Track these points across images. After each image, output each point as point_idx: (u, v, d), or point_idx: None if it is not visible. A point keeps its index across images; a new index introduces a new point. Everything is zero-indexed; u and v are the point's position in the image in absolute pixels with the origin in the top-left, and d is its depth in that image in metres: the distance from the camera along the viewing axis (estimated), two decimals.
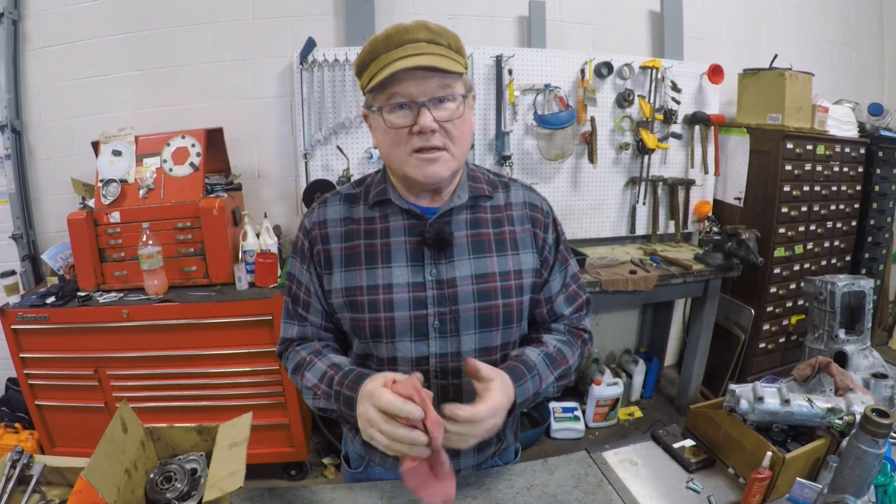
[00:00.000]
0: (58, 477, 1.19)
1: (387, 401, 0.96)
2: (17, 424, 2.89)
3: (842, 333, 2.08)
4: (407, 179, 1.14)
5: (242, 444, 1.10)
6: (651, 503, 1.28)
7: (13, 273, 2.71)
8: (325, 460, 3.07)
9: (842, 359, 1.91)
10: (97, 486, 0.94)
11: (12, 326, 2.54)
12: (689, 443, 1.47)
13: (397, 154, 1.11)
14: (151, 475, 1.13)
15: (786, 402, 1.31)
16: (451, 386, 1.20)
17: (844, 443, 1.16)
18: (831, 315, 2.12)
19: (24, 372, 2.62)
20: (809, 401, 1.32)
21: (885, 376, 1.68)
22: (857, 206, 3.77)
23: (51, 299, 2.58)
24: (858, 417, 1.26)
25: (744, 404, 1.33)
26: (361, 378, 1.08)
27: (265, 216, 2.94)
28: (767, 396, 1.32)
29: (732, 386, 1.37)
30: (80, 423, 2.69)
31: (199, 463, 1.16)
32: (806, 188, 3.42)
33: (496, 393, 1.04)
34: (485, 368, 1.06)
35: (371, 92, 1.09)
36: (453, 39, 1.10)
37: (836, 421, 1.29)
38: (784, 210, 3.37)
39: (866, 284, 2.12)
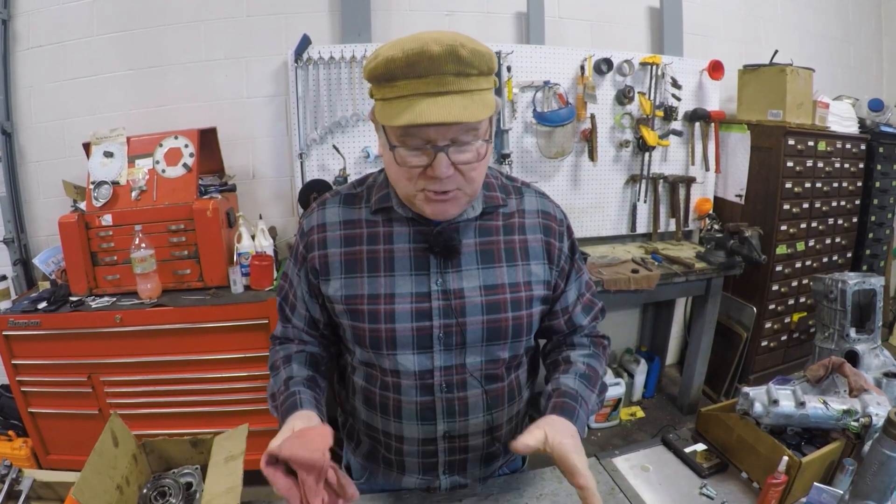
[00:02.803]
0: (48, 492, 1.15)
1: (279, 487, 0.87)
2: (10, 432, 2.84)
3: (853, 332, 2.05)
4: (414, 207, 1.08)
5: (239, 457, 1.06)
6: None
7: (4, 278, 2.65)
8: None
9: (853, 358, 1.87)
10: None
11: (4, 332, 2.49)
12: (700, 447, 1.43)
13: (405, 187, 1.03)
14: (144, 490, 1.09)
15: (801, 404, 1.27)
16: (456, 399, 1.15)
17: (866, 447, 1.13)
18: (842, 314, 2.08)
19: (17, 379, 2.57)
20: (825, 403, 1.28)
21: None
22: (857, 202, 3.75)
23: (42, 304, 2.54)
24: (875, 419, 1.24)
25: (758, 407, 1.29)
26: (292, 408, 1.07)
27: (260, 217, 2.89)
28: (782, 399, 1.28)
29: (746, 388, 1.33)
30: (75, 430, 2.64)
31: (195, 477, 1.12)
32: (807, 185, 3.40)
33: (577, 456, 0.95)
34: (533, 440, 0.97)
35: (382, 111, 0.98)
36: (486, 62, 0.95)
37: (853, 423, 1.26)
38: (785, 207, 3.35)
39: (877, 282, 2.09)
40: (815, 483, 1.18)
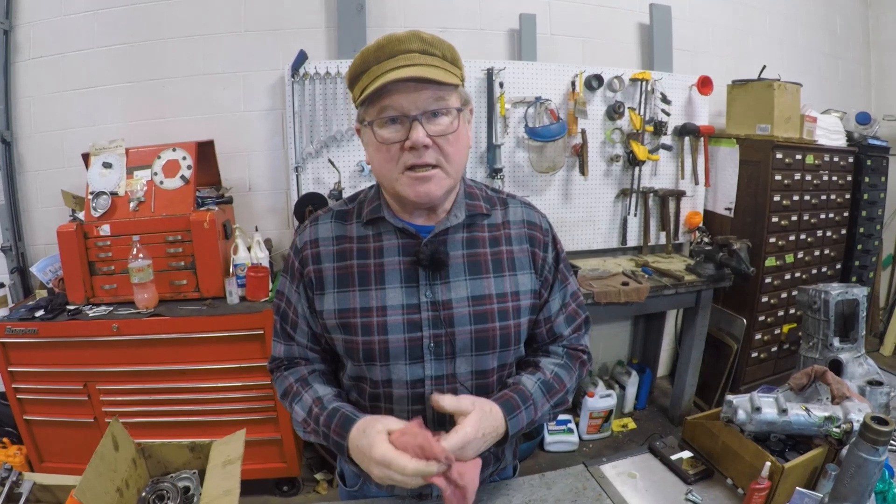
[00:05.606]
0: (48, 495, 1.17)
1: (414, 469, 0.96)
2: (4, 439, 2.83)
3: (836, 342, 2.09)
4: (399, 197, 1.11)
5: (236, 461, 1.08)
6: None
7: (1, 286, 2.68)
8: (318, 476, 3.04)
9: (836, 367, 1.91)
10: None
11: (0, 340, 2.50)
12: (686, 454, 1.46)
13: (389, 171, 1.07)
14: (143, 493, 1.11)
15: (783, 411, 1.30)
16: None
17: (844, 451, 1.16)
18: (825, 324, 2.13)
19: (13, 386, 2.58)
20: (807, 410, 1.31)
21: (880, 383, 1.68)
22: (846, 214, 3.81)
23: (40, 313, 2.55)
24: (856, 425, 1.27)
25: (741, 415, 1.32)
26: (347, 423, 1.08)
27: (256, 229, 2.92)
28: (765, 406, 1.31)
29: (729, 396, 1.37)
30: (70, 438, 2.65)
31: (192, 481, 1.14)
32: (795, 197, 3.45)
33: (464, 428, 1.03)
34: (449, 402, 1.05)
35: (362, 105, 1.07)
36: (448, 50, 1.07)
37: (834, 429, 1.29)
38: (774, 220, 3.40)
39: (859, 292, 2.13)
40: (797, 487, 1.21)
